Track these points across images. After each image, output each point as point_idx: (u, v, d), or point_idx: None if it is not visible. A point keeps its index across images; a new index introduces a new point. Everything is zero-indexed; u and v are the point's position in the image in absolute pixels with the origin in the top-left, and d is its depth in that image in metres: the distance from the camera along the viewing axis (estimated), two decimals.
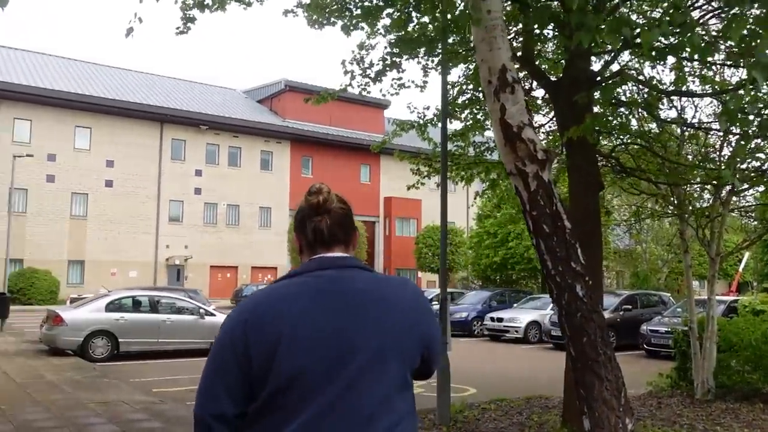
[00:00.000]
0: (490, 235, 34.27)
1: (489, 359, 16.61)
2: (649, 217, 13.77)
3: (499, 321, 21.18)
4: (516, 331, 20.50)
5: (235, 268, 41.76)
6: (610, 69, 7.30)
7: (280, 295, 1.67)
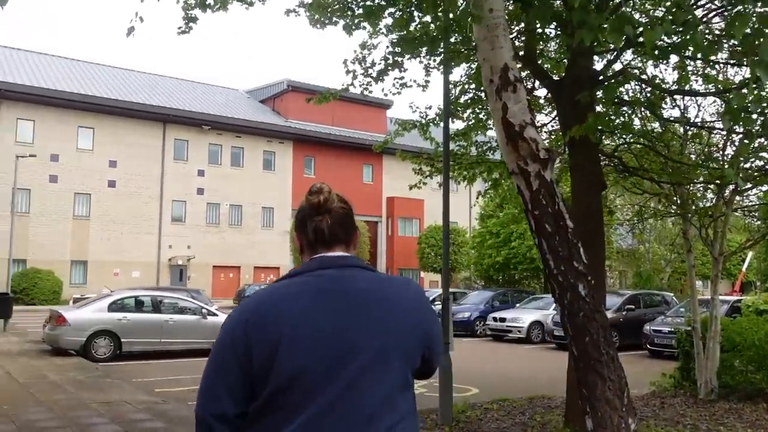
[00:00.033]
0: (493, 235, 34.24)
1: (491, 359, 16.59)
2: (652, 216, 13.75)
3: (502, 321, 21.16)
4: (518, 331, 20.47)
5: (238, 268, 41.79)
6: (613, 68, 7.29)
7: (281, 294, 1.66)
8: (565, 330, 4.57)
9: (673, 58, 7.52)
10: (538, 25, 7.14)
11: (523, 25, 7.85)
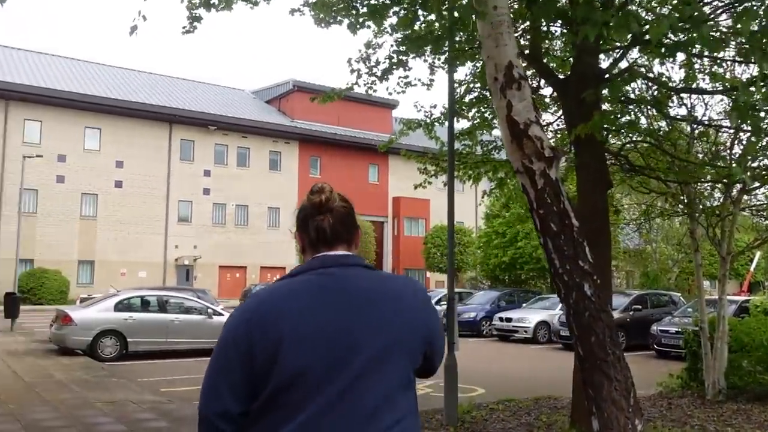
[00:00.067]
0: (499, 234, 34.16)
1: (497, 359, 16.54)
2: (659, 216, 13.66)
3: (508, 321, 21.10)
4: (525, 332, 20.41)
5: (244, 268, 41.86)
6: (619, 66, 7.24)
7: (283, 293, 1.67)
8: (571, 330, 4.53)
9: (680, 57, 7.47)
10: (543, 23, 7.10)
11: (528, 23, 7.81)
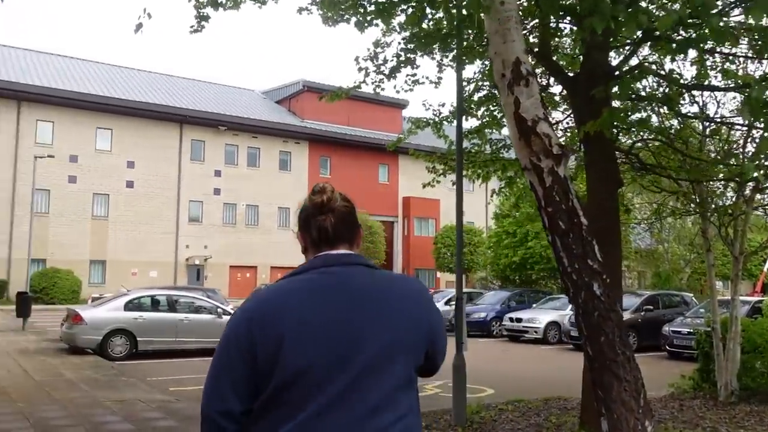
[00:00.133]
0: (509, 234, 34.02)
1: (507, 360, 16.46)
2: (671, 215, 13.54)
3: (518, 321, 21.01)
4: (535, 332, 20.32)
5: (255, 267, 41.94)
6: (629, 63, 7.16)
7: (285, 291, 1.69)
8: (580, 330, 4.46)
9: (692, 54, 7.38)
10: (552, 20, 7.03)
11: (537, 20, 7.74)
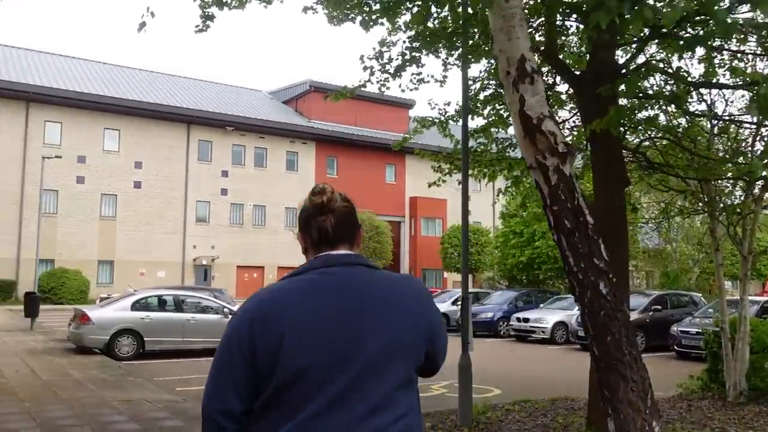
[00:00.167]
0: (516, 234, 33.95)
1: (514, 360, 16.40)
2: (679, 214, 13.45)
3: (526, 321, 20.94)
4: (542, 332, 20.25)
5: (262, 268, 41.99)
6: (636, 61, 7.10)
7: (285, 291, 1.68)
8: (586, 329, 4.42)
9: (699, 52, 7.31)
10: (558, 18, 6.98)
11: (543, 19, 7.70)
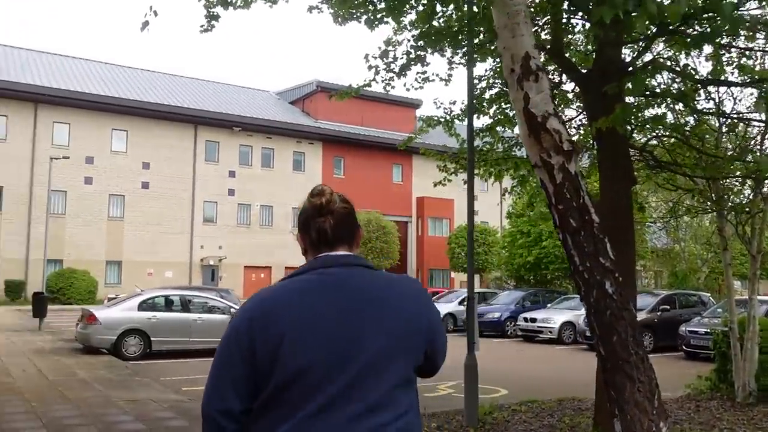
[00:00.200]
0: (523, 234, 33.84)
1: (521, 360, 16.33)
2: (687, 213, 13.36)
3: (533, 321, 20.88)
4: (550, 332, 20.17)
5: (269, 268, 42.04)
6: (642, 59, 7.05)
7: (285, 292, 1.69)
8: (592, 329, 4.38)
9: (707, 50, 7.25)
10: (564, 16, 6.94)
11: (549, 17, 7.65)
